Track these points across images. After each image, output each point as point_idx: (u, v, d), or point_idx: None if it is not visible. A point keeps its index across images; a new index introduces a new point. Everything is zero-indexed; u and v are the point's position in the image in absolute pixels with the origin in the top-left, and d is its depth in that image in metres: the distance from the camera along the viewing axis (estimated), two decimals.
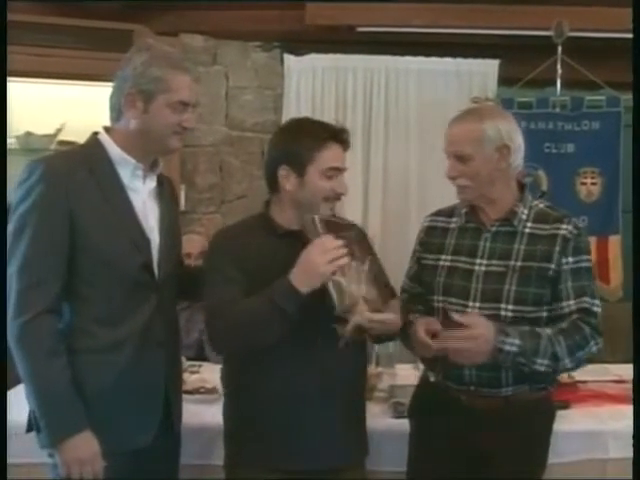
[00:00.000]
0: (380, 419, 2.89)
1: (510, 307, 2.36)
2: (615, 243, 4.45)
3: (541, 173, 4.50)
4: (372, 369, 3.16)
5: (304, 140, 2.35)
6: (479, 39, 4.60)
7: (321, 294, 2.20)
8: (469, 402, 2.42)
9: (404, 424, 2.70)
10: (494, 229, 2.44)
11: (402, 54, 4.78)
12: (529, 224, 2.42)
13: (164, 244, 2.33)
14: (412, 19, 4.51)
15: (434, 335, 2.37)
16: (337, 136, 2.37)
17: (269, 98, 4.94)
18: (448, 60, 4.80)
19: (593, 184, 4.50)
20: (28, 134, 4.33)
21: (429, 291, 2.51)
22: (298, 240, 2.33)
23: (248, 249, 2.35)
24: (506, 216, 2.43)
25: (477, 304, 2.39)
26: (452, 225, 2.54)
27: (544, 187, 4.48)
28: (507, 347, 2.26)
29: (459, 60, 4.80)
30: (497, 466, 2.42)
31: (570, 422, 2.78)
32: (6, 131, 2.33)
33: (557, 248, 2.37)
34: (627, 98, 4.09)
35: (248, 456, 2.40)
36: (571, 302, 2.37)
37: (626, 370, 2.85)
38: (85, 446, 2.14)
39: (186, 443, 2.53)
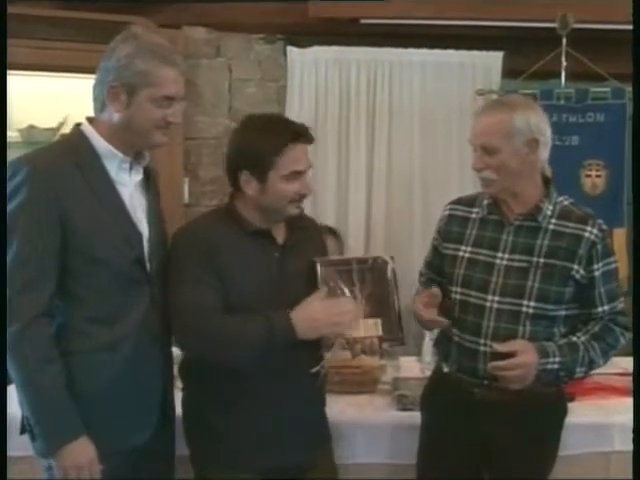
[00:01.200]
0: (384, 412, 2.89)
1: (532, 304, 2.37)
2: (620, 236, 4.42)
3: (545, 165, 4.47)
4: (376, 361, 3.15)
5: (263, 145, 2.27)
6: (483, 31, 4.57)
7: None
8: (482, 395, 2.42)
9: (408, 417, 2.70)
10: (517, 223, 2.42)
11: (405, 46, 4.75)
12: (553, 220, 2.41)
13: (154, 237, 2.30)
14: (415, 11, 4.48)
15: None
16: (298, 137, 2.30)
17: (272, 90, 4.91)
18: (452, 52, 4.77)
19: (598, 176, 4.48)
20: (31, 127, 4.33)
21: (448, 282, 2.52)
22: (268, 238, 2.35)
23: (218, 246, 2.30)
24: (531, 211, 2.41)
25: (497, 298, 2.39)
26: (473, 215, 2.52)
27: None
28: (549, 366, 2.34)
29: (463, 52, 4.77)
30: (508, 459, 2.44)
31: (575, 415, 2.77)
32: (6, 127, 2.28)
33: (581, 251, 2.37)
34: None
35: (217, 455, 2.37)
36: (606, 307, 2.44)
37: (632, 363, 2.84)
38: (82, 452, 2.11)
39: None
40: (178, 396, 2.48)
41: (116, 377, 2.18)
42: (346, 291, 2.33)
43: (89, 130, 2.22)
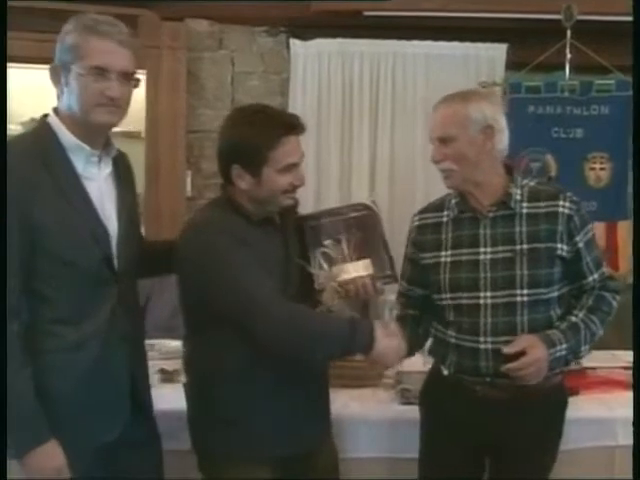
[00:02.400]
0: (387, 405, 2.88)
1: (525, 291, 2.36)
2: (624, 228, 4.42)
3: (549, 158, 4.47)
4: None
5: (256, 139, 2.22)
6: (487, 23, 4.56)
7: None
8: (484, 393, 2.41)
9: (411, 410, 2.68)
10: (491, 215, 2.41)
11: (409, 38, 4.76)
12: (525, 204, 2.40)
13: (124, 232, 2.21)
14: (419, 3, 4.47)
15: None
16: (291, 129, 2.25)
17: (275, 83, 4.92)
18: (456, 44, 4.78)
19: (602, 169, 4.47)
20: (33, 121, 4.31)
21: (435, 290, 2.48)
22: (271, 226, 2.35)
23: (244, 242, 2.25)
24: (502, 199, 2.40)
25: (489, 293, 2.37)
26: (444, 219, 2.49)
27: (552, 172, 4.46)
28: (558, 354, 2.34)
29: (467, 44, 4.78)
30: (511, 456, 2.43)
31: (579, 409, 2.76)
32: (6, 122, 2.24)
33: (560, 227, 2.37)
34: None
35: (226, 446, 2.33)
36: (595, 276, 2.45)
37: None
38: (50, 456, 2.06)
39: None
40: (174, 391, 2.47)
41: (82, 376, 2.13)
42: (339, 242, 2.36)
43: (55, 122, 2.14)
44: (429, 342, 2.61)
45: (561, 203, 2.39)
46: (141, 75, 4.58)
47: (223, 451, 2.35)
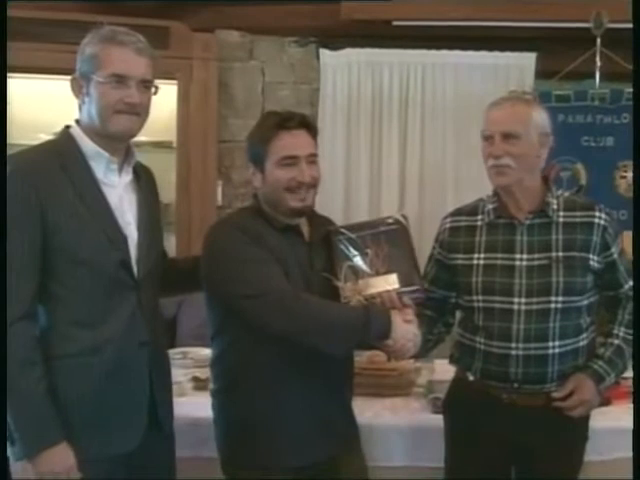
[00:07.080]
0: (419, 414, 2.88)
1: (560, 299, 2.37)
2: None
3: (579, 167, 4.45)
4: (410, 364, 3.15)
5: (255, 136, 2.36)
6: (516, 32, 4.57)
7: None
8: (510, 400, 2.41)
9: (442, 419, 2.68)
10: (528, 222, 2.42)
11: (438, 48, 4.77)
12: (561, 213, 2.43)
13: (143, 240, 2.23)
14: (448, 13, 4.48)
15: None
16: (284, 124, 2.31)
17: (305, 93, 4.95)
18: (485, 54, 4.78)
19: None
20: None
21: (464, 292, 2.50)
22: (296, 235, 2.37)
23: (260, 241, 2.28)
24: (540, 207, 2.43)
25: (523, 300, 2.38)
26: (478, 223, 2.50)
27: (583, 181, 4.44)
28: (608, 383, 2.45)
29: (496, 53, 4.78)
30: (537, 462, 2.43)
31: (612, 419, 2.75)
32: (6, 127, 2.26)
33: (595, 238, 2.39)
34: None
35: (253, 456, 2.33)
36: (630, 282, 2.50)
37: None
38: (60, 458, 2.06)
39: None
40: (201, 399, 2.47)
41: (99, 382, 2.13)
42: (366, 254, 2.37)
43: (77, 132, 2.20)
44: (452, 350, 2.63)
45: (597, 214, 2.42)
46: (172, 86, 4.66)
47: (244, 458, 2.36)
